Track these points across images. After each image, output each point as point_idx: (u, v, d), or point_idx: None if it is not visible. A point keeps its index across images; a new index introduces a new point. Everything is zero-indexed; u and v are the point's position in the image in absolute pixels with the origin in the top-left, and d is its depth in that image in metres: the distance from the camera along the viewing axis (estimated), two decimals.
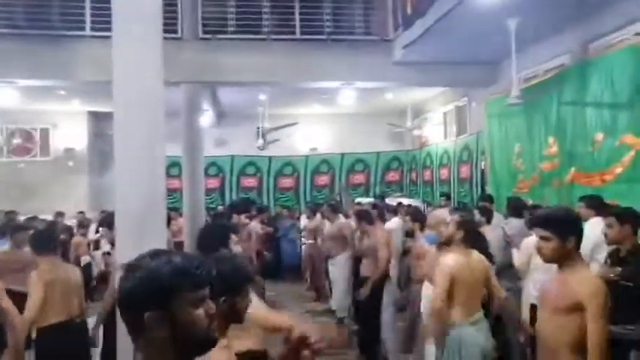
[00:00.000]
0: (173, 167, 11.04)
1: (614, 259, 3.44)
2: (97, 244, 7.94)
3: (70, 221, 8.79)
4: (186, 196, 8.23)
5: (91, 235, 8.26)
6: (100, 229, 5.56)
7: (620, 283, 3.25)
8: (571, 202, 5.53)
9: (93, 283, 7.49)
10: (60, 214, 8.69)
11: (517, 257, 4.43)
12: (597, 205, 4.25)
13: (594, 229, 3.89)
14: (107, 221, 4.37)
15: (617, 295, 3.29)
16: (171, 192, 11.33)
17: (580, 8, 5.84)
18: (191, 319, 1.13)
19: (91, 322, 3.84)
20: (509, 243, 4.68)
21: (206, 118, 10.00)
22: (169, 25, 7.24)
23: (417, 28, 6.97)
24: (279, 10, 8.24)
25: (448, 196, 8.54)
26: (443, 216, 3.63)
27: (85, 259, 7.65)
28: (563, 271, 2.32)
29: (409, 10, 7.44)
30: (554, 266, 2.39)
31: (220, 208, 10.71)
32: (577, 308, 2.19)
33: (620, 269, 3.30)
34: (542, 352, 2.40)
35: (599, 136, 5.53)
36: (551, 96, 6.39)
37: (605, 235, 3.47)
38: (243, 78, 7.95)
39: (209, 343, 1.17)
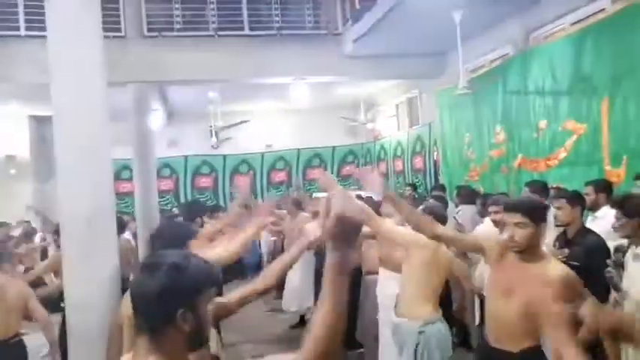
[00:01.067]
0: (124, 170, 10.71)
1: (561, 241, 3.57)
2: (44, 253, 7.59)
3: (15, 231, 8.36)
4: (138, 200, 7.99)
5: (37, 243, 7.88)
6: (46, 236, 5.28)
7: (569, 264, 3.38)
8: (519, 187, 5.73)
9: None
10: (1, 225, 8.23)
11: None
12: (541, 189, 4.42)
13: None
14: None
15: None
16: (123, 196, 11.03)
17: None
18: (207, 316, 1.22)
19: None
20: (460, 231, 4.79)
21: (156, 118, 9.71)
22: (111, 24, 6.98)
23: (366, 21, 7.02)
24: (226, 5, 8.10)
25: (415, 187, 8.60)
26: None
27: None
28: (527, 259, 2.32)
29: (357, 4, 7.48)
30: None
31: (175, 210, 10.47)
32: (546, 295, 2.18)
33: (567, 250, 3.43)
34: (498, 337, 2.41)
35: (543, 122, 5.75)
36: (496, 85, 6.59)
37: (555, 217, 3.57)
38: (192, 76, 7.78)
39: (208, 338, 1.29)
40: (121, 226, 7.60)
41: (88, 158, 3.58)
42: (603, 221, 3.54)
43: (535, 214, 2.32)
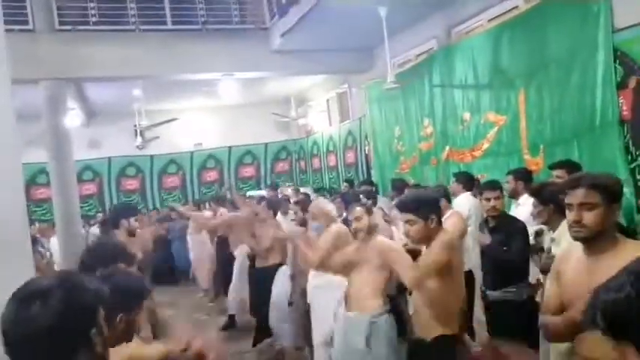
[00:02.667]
0: (40, 175, 10.00)
1: (482, 228, 3.74)
2: None
3: None
4: (57, 206, 7.45)
5: None
6: None
7: (498, 249, 3.53)
8: (448, 178, 5.91)
9: None
10: None
11: (397, 235, 4.60)
12: (465, 180, 4.59)
13: (463, 202, 4.21)
14: None
15: (495, 261, 3.59)
16: (40, 202, 10.30)
17: None
18: (105, 337, 1.12)
19: None
20: (388, 222, 4.85)
21: (73, 118, 9.12)
22: (16, 16, 6.44)
23: (293, 16, 6.96)
24: None
25: (351, 182, 8.62)
26: (324, 207, 3.68)
27: None
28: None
29: None
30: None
31: (100, 215, 9.91)
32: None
33: (488, 236, 3.58)
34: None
35: (467, 115, 5.96)
36: (422, 79, 6.76)
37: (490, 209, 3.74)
38: (111, 72, 7.35)
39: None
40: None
41: None
42: (525, 208, 3.72)
43: (421, 210, 2.54)
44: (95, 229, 8.27)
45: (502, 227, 3.64)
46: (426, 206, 2.58)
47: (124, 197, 11.52)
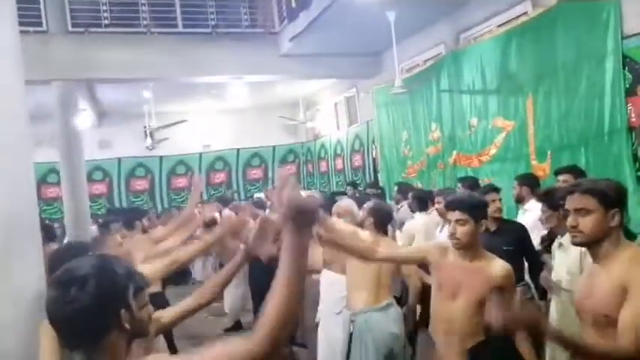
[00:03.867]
0: (51, 174, 10.11)
1: (481, 234, 3.74)
2: None
3: None
4: (67, 205, 7.54)
5: None
6: None
7: (503, 250, 3.53)
8: (454, 183, 5.92)
9: None
10: None
11: (399, 238, 4.61)
12: (472, 185, 4.60)
13: None
14: None
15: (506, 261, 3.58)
16: (51, 201, 10.41)
17: (451, 1, 6.23)
18: (142, 312, 1.23)
19: None
20: (391, 225, 4.87)
21: (85, 118, 9.21)
22: (31, 18, 6.55)
23: (302, 20, 7.01)
24: (159, 1, 7.82)
25: (355, 185, 8.65)
26: (350, 207, 3.70)
27: None
28: (472, 257, 2.39)
29: (293, 3, 7.45)
30: None
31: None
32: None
33: None
34: (448, 338, 2.42)
35: (474, 120, 5.97)
36: (430, 84, 6.78)
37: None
38: (122, 74, 7.44)
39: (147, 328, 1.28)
40: (51, 235, 7.16)
41: (4, 161, 3.31)
42: (532, 213, 3.72)
43: (475, 211, 2.39)
44: (93, 230, 8.35)
45: (505, 230, 3.65)
46: (479, 208, 2.43)
47: (133, 198, 11.62)
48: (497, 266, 2.36)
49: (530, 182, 4.14)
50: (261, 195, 10.03)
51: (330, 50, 7.77)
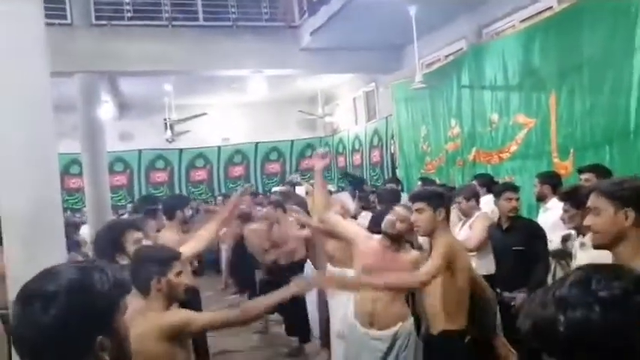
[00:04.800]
0: (73, 165, 10.29)
1: (494, 229, 3.75)
2: None
3: None
4: (88, 196, 7.67)
5: None
6: None
7: (513, 250, 3.50)
8: (473, 180, 5.86)
9: None
10: None
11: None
12: (488, 182, 4.55)
13: (487, 204, 4.18)
14: None
15: (512, 262, 3.55)
16: (73, 192, 10.60)
17: None
18: (125, 332, 1.02)
19: None
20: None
21: (107, 110, 9.35)
22: (56, 11, 6.65)
23: (323, 14, 6.99)
24: None
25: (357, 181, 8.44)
26: (343, 200, 3.75)
27: None
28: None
29: None
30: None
31: (129, 206, 10.13)
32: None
33: None
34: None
35: (495, 116, 5.89)
36: (451, 80, 6.70)
37: (513, 209, 3.71)
38: (143, 67, 7.51)
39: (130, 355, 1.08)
40: (75, 227, 7.27)
41: (30, 151, 3.38)
42: (553, 212, 3.66)
43: (431, 200, 2.65)
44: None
45: (517, 229, 3.61)
46: (436, 198, 2.67)
47: (152, 189, 11.75)
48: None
49: (552, 180, 4.08)
50: (278, 189, 10.06)
51: (350, 45, 7.73)
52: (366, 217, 4.66)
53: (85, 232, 7.68)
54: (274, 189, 10.46)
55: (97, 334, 0.95)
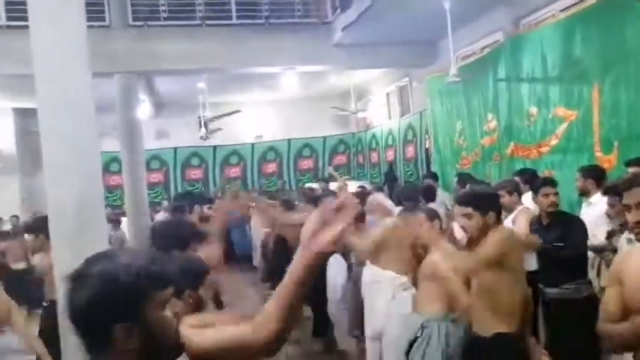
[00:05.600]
0: (113, 163, 10.59)
1: (536, 224, 3.61)
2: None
3: (5, 226, 8.26)
4: (127, 193, 7.89)
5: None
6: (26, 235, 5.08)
7: (553, 246, 3.40)
8: (510, 175, 5.72)
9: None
10: None
11: (457, 231, 4.51)
12: (530, 178, 4.42)
13: (529, 200, 4.07)
14: (32, 227, 4.07)
15: (552, 258, 3.46)
16: (112, 189, 10.92)
17: None
18: (162, 325, 1.03)
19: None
20: (450, 217, 4.77)
21: (144, 109, 9.59)
22: (95, 13, 6.85)
23: (355, 9, 6.95)
24: None
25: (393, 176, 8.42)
26: (382, 200, 3.70)
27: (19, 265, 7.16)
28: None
29: None
30: None
31: (165, 203, 10.37)
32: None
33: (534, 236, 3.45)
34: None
35: (534, 109, 5.73)
36: (487, 73, 6.56)
37: (551, 204, 3.57)
38: (178, 66, 7.67)
39: (179, 348, 1.08)
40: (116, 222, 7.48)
41: (74, 150, 3.50)
42: (597, 207, 3.55)
43: (481, 204, 2.54)
44: (160, 216, 8.66)
45: (558, 224, 3.50)
46: (485, 201, 2.57)
47: (188, 186, 12.01)
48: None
49: (595, 175, 3.94)
50: (312, 185, 10.10)
51: (383, 39, 7.67)
52: None
53: (124, 227, 7.93)
54: (307, 185, 10.52)
55: (119, 321, 0.98)
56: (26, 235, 4.93)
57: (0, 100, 10.12)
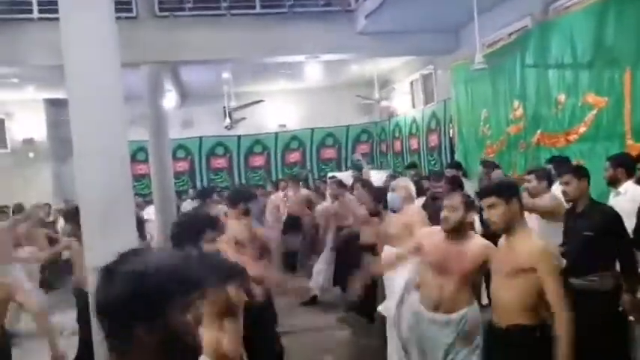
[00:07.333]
0: (140, 152, 10.80)
1: (570, 215, 3.51)
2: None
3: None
4: (154, 181, 8.05)
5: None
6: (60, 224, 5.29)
7: (583, 235, 3.33)
8: (538, 164, 5.62)
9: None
10: (19, 207, 8.32)
11: (477, 224, 4.44)
12: (562, 164, 4.32)
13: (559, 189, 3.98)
14: (68, 215, 4.22)
15: (581, 247, 3.39)
16: (139, 178, 11.15)
17: None
18: (183, 327, 1.04)
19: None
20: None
21: (170, 99, 9.73)
22: (123, 5, 6.96)
23: None
24: None
25: (415, 166, 8.30)
26: (406, 183, 3.76)
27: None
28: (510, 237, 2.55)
29: None
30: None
31: (191, 191, 10.54)
32: (527, 272, 2.42)
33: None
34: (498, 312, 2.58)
35: (562, 96, 5.61)
36: (514, 59, 6.43)
37: (564, 193, 3.49)
38: (204, 56, 7.74)
39: (198, 350, 1.09)
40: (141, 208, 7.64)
41: (104, 139, 3.60)
42: (626, 197, 3.47)
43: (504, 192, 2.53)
44: (187, 204, 8.80)
45: (590, 214, 3.41)
46: (506, 188, 2.58)
47: (212, 175, 12.17)
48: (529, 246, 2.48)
49: (626, 163, 3.84)
50: (336, 174, 10.11)
51: (407, 27, 7.59)
52: (420, 202, 4.61)
53: (150, 212, 8.09)
54: (330, 174, 10.52)
55: (142, 320, 1.00)
56: (61, 222, 5.13)
57: (32, 92, 10.41)
